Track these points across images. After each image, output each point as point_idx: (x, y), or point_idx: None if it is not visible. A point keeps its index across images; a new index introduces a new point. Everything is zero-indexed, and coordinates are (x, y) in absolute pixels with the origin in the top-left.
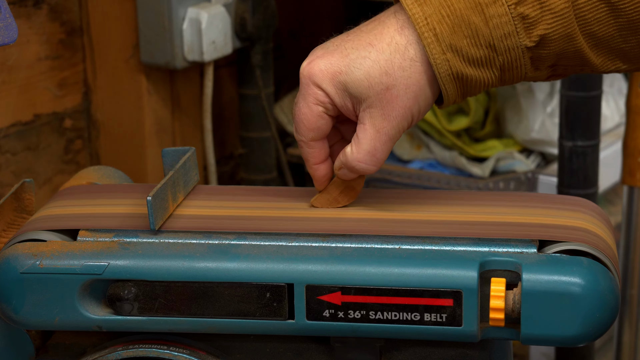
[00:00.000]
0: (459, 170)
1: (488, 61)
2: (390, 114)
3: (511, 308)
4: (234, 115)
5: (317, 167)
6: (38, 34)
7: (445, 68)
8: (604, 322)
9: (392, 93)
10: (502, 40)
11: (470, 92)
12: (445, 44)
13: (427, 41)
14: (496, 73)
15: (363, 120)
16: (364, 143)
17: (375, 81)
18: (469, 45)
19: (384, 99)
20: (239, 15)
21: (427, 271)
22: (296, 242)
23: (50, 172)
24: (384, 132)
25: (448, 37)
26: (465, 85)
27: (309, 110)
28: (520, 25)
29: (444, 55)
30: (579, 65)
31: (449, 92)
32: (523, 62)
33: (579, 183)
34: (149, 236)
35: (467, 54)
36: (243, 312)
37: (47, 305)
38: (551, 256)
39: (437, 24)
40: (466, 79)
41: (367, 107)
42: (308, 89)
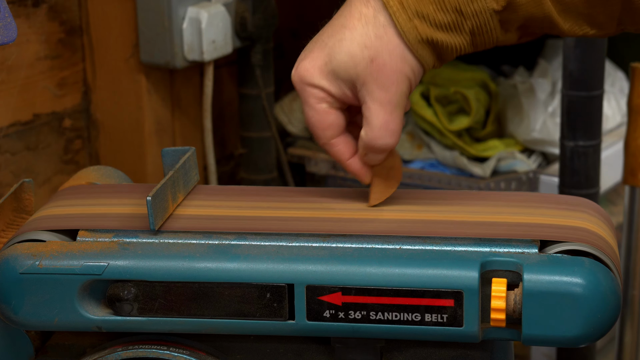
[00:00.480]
0: (460, 170)
1: (457, 25)
2: (385, 83)
3: (512, 308)
4: (234, 115)
5: (350, 162)
6: (37, 34)
7: (415, 34)
8: (605, 323)
9: (379, 62)
10: (468, 5)
11: (445, 56)
12: (411, 10)
13: (392, 10)
14: (467, 38)
15: (364, 99)
16: (372, 120)
17: (359, 57)
18: (436, 11)
19: (373, 71)
20: (239, 14)
21: (428, 271)
22: (296, 242)
23: (50, 172)
24: (387, 102)
25: (413, 3)
26: (438, 49)
27: (314, 112)
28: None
29: (411, 22)
30: (548, 28)
31: (424, 57)
32: (492, 26)
33: (580, 183)
34: (149, 236)
35: (435, 19)
36: (243, 312)
37: (47, 305)
38: (552, 256)
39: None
40: (437, 43)
41: (362, 86)
42: (304, 92)
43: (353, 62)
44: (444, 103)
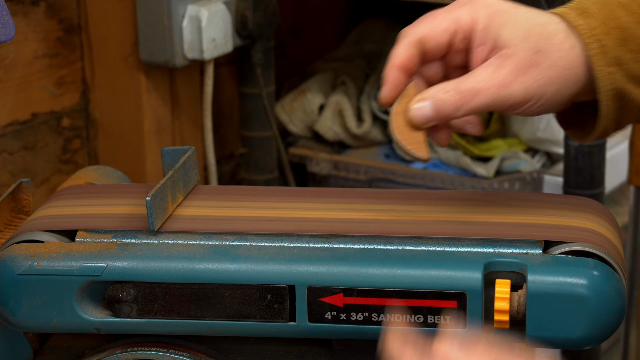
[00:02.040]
0: (463, 170)
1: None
2: (520, 76)
3: (516, 310)
4: (234, 114)
5: (398, 70)
6: (35, 32)
7: (609, 82)
8: (610, 324)
9: (537, 59)
10: None
11: (626, 117)
12: (611, 56)
13: (593, 52)
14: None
15: (490, 63)
16: (473, 79)
17: (533, 38)
18: (634, 61)
19: (526, 58)
20: (240, 12)
21: (431, 272)
22: (298, 243)
23: (48, 172)
24: (501, 85)
25: (614, 49)
26: (623, 106)
27: (445, 17)
28: None
29: (609, 68)
30: None
31: (608, 110)
32: None
33: (585, 183)
34: (148, 237)
35: (631, 69)
36: (244, 314)
37: (45, 307)
38: (557, 257)
39: (603, 36)
40: (626, 97)
41: (504, 55)
42: (460, 8)
43: (525, 34)
44: None
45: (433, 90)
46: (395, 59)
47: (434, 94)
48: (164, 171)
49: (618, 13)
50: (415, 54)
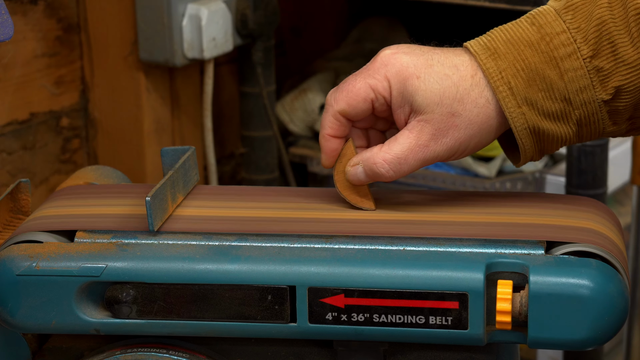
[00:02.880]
0: (464, 170)
1: (564, 115)
2: (441, 138)
3: (518, 311)
4: (234, 114)
5: (330, 139)
6: (34, 31)
7: (522, 122)
8: (613, 326)
9: (455, 121)
10: (577, 94)
11: (547, 147)
12: (520, 97)
13: (502, 94)
14: (573, 128)
15: (411, 129)
16: (398, 148)
17: (447, 102)
18: (544, 99)
19: (443, 122)
20: (240, 11)
21: (432, 273)
22: (298, 243)
23: (47, 172)
24: (425, 150)
25: (523, 90)
26: (542, 140)
27: (362, 87)
28: (596, 78)
29: (520, 108)
30: None
31: (526, 146)
32: (600, 117)
33: (587, 183)
34: (148, 237)
35: (543, 108)
36: (244, 315)
37: (44, 308)
38: (559, 258)
39: (512, 78)
40: (543, 133)
41: (423, 120)
42: (376, 74)
43: (439, 100)
44: None
45: (366, 155)
46: (324, 130)
47: (365, 161)
48: (164, 171)
49: (526, 53)
50: (341, 123)
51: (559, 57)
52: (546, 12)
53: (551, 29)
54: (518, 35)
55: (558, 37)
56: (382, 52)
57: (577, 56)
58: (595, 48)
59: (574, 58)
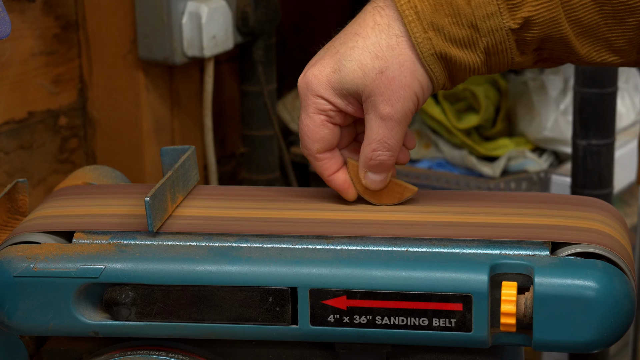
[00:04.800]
0: (468, 170)
1: (471, 42)
2: (391, 97)
3: (523, 313)
4: (235, 113)
5: (333, 177)
6: (32, 29)
7: (428, 47)
8: (619, 328)
9: (388, 75)
10: (484, 21)
11: (457, 75)
12: (427, 22)
13: (407, 19)
14: (481, 56)
15: (367, 111)
16: (372, 133)
17: (368, 67)
18: (451, 24)
19: (381, 84)
20: (241, 9)
21: (436, 274)
22: (300, 244)
23: (45, 172)
24: (389, 117)
25: (429, 14)
26: (450, 66)
27: (311, 121)
28: (504, 5)
29: (426, 33)
30: (565, 52)
31: (436, 73)
32: (508, 46)
33: (593, 183)
34: (147, 238)
35: (450, 33)
36: (245, 317)
37: (42, 310)
38: (564, 259)
39: (419, 2)
40: (450, 59)
41: (367, 97)
42: (307, 100)
43: (362, 72)
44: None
45: (362, 163)
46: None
47: (365, 166)
48: (163, 171)
49: None
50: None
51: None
52: None
53: None
54: None
55: None
56: (298, 82)
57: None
58: None
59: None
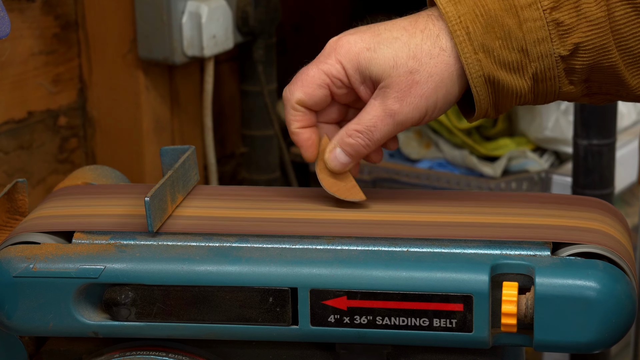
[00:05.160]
0: (469, 170)
1: (520, 66)
2: (405, 98)
3: (524, 313)
4: (235, 113)
5: (299, 131)
6: (31, 28)
7: (477, 68)
8: (620, 328)
9: (414, 77)
10: (535, 45)
11: (502, 102)
12: (478, 43)
13: (459, 39)
14: (529, 82)
15: (375, 97)
16: (366, 117)
17: (402, 62)
18: (501, 47)
19: (403, 82)
20: (241, 8)
21: (436, 275)
22: (300, 244)
23: (44, 172)
24: (392, 114)
25: (480, 36)
26: (497, 91)
27: (315, 74)
28: (555, 31)
29: (476, 55)
30: (614, 85)
31: (481, 96)
32: (556, 73)
33: (594, 183)
34: (147, 238)
35: (499, 56)
36: (245, 317)
37: (41, 310)
38: (565, 259)
39: (470, 23)
40: (498, 83)
41: (384, 86)
42: (327, 58)
43: (394, 63)
44: None
45: (338, 137)
46: (290, 126)
47: (340, 141)
48: (163, 171)
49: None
50: (303, 113)
51: (519, 6)
52: None
53: None
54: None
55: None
56: (329, 40)
57: (537, 6)
58: (557, 0)
59: (534, 8)
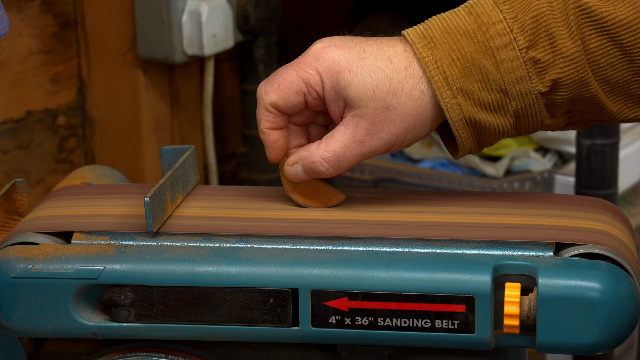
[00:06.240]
0: (471, 170)
1: (501, 106)
2: (376, 132)
3: (526, 314)
4: (235, 112)
5: (269, 131)
6: (30, 27)
7: (457, 112)
8: (623, 329)
9: (389, 115)
10: (514, 85)
11: (485, 140)
12: (456, 87)
13: (437, 84)
14: (510, 120)
15: (347, 124)
16: (335, 145)
17: (380, 96)
18: (480, 89)
19: (378, 116)
20: (241, 7)
21: (438, 276)
22: (301, 245)
23: (43, 172)
24: (361, 145)
25: (459, 80)
26: (479, 131)
27: (294, 80)
28: (532, 69)
29: (455, 99)
30: (596, 113)
31: (463, 138)
32: (538, 109)
33: (597, 183)
34: (147, 239)
35: (479, 98)
36: (245, 318)
37: (40, 311)
38: (568, 260)
39: (447, 67)
40: (479, 124)
41: (357, 115)
42: (308, 67)
43: (372, 94)
44: None
45: (304, 154)
46: (260, 125)
47: (304, 159)
48: (163, 171)
49: (462, 43)
50: (275, 115)
51: (494, 47)
52: (484, 2)
53: (488, 18)
54: (455, 24)
55: (494, 26)
56: (314, 45)
57: (513, 46)
58: (532, 39)
59: (510, 48)
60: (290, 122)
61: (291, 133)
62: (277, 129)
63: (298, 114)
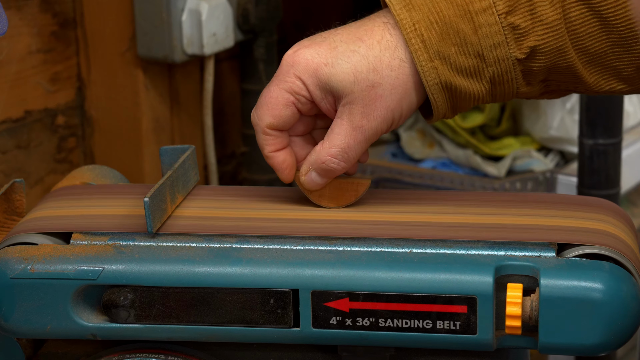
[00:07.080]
0: (473, 170)
1: (477, 72)
2: (371, 113)
3: (528, 315)
4: (236, 112)
5: (274, 154)
6: (29, 26)
7: (433, 76)
8: (626, 330)
9: (377, 92)
10: (491, 50)
11: (460, 105)
12: (433, 50)
13: (414, 47)
14: (486, 86)
15: (341, 116)
16: (337, 139)
17: (362, 77)
18: (457, 54)
19: (367, 97)
20: (242, 6)
21: (440, 276)
22: (301, 245)
23: (42, 172)
24: (361, 130)
25: (436, 44)
26: (454, 96)
27: (279, 96)
28: (511, 35)
29: (432, 62)
30: (572, 83)
31: (438, 102)
32: (514, 76)
33: (600, 183)
34: (146, 239)
35: (456, 63)
36: (245, 319)
37: (39, 312)
38: (571, 260)
39: (425, 30)
40: (455, 89)
41: (347, 103)
42: (286, 76)
43: (354, 78)
44: None
45: (312, 158)
46: (263, 151)
47: (314, 164)
48: (163, 171)
49: (441, 5)
50: (275, 136)
51: (473, 11)
52: None
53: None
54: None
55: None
56: (285, 54)
57: (492, 11)
58: (512, 4)
59: (489, 13)
60: (293, 135)
61: (297, 145)
62: (281, 149)
63: (297, 125)
